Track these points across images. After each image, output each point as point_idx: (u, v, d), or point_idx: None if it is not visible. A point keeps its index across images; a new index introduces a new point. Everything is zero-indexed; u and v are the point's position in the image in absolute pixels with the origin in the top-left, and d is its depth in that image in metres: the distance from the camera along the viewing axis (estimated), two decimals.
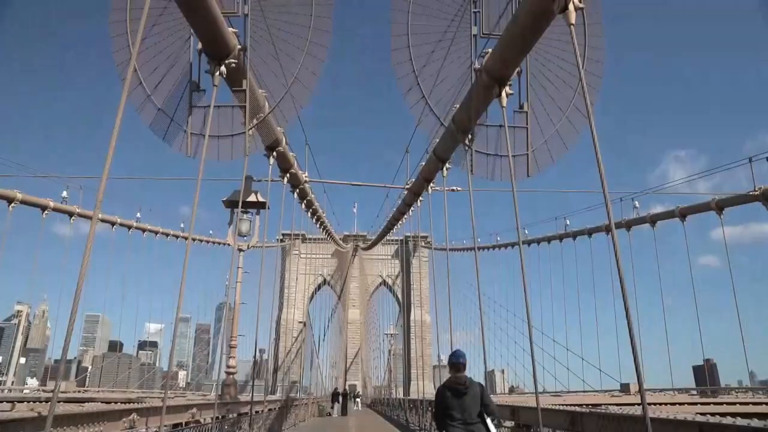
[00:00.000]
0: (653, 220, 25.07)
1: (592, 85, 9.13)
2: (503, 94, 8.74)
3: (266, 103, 10.36)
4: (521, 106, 9.78)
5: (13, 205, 23.28)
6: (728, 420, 5.06)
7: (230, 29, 8.82)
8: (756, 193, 18.67)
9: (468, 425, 5.34)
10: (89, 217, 24.81)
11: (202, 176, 8.05)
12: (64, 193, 25.70)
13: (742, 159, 18.97)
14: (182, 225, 36.74)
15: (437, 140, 12.04)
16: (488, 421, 5.43)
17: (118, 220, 31.54)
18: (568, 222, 30.53)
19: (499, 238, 37.92)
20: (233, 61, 8.86)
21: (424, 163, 14.67)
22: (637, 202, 25.70)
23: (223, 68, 8.75)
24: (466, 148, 10.58)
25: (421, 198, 17.24)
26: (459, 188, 15.71)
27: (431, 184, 15.21)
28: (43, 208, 25.18)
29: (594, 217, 30.02)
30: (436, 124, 10.60)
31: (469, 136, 10.44)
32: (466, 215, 10.91)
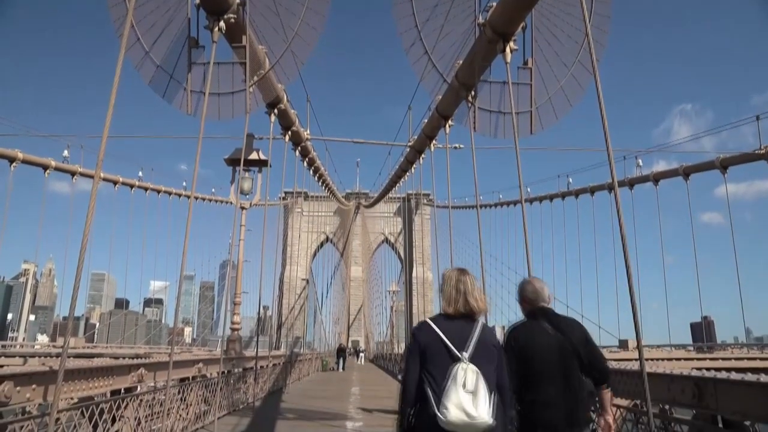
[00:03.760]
0: (656, 178, 24.99)
1: (599, 41, 8.93)
2: (507, 49, 8.56)
3: (267, 60, 10.18)
4: (525, 62, 9.58)
5: (14, 164, 23.30)
6: (723, 375, 5.17)
7: None
8: (762, 151, 18.54)
9: None
10: (91, 176, 24.80)
11: (203, 134, 7.98)
12: (66, 153, 25.65)
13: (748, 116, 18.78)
14: (184, 183, 36.75)
15: (440, 97, 11.88)
16: None
17: (120, 179, 31.57)
18: (570, 180, 30.51)
19: (501, 196, 37.93)
20: (232, 16, 8.65)
21: (426, 120, 14.51)
22: (640, 160, 25.58)
23: (222, 24, 8.54)
24: (469, 104, 10.44)
25: (423, 155, 17.13)
26: (461, 146, 15.61)
27: (434, 142, 15.09)
28: (45, 167, 25.18)
29: (597, 175, 29.96)
30: (439, 81, 10.42)
31: (472, 93, 10.29)
32: (469, 173, 10.89)
